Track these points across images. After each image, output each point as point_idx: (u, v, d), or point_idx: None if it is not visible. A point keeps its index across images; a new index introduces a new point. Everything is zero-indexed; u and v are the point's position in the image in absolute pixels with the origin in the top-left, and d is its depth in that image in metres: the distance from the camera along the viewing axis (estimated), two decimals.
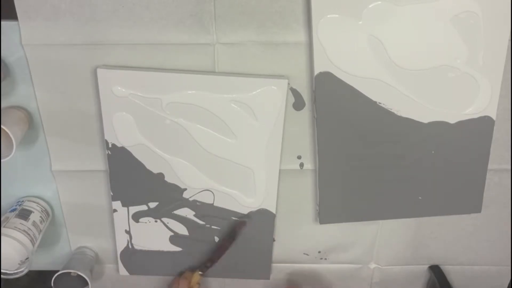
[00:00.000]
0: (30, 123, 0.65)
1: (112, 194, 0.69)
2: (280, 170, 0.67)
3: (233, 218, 0.70)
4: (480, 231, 0.75)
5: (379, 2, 0.56)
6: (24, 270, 0.64)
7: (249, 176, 0.67)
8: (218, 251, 0.71)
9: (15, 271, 0.64)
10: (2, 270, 0.63)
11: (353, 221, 0.70)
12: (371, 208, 0.69)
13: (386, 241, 0.75)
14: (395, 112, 0.62)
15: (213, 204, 0.69)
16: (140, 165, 0.66)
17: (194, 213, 0.70)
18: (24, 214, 0.67)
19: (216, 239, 0.73)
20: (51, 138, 0.66)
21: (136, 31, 0.58)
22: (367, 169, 0.66)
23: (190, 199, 0.69)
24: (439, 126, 0.63)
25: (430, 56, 0.60)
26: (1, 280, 0.65)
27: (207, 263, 0.72)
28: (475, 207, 0.70)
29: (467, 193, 0.69)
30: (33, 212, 0.68)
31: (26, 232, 0.64)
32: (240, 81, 0.61)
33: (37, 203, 0.70)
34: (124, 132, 0.64)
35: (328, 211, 0.69)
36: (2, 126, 0.57)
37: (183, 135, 0.64)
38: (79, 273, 0.68)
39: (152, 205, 0.70)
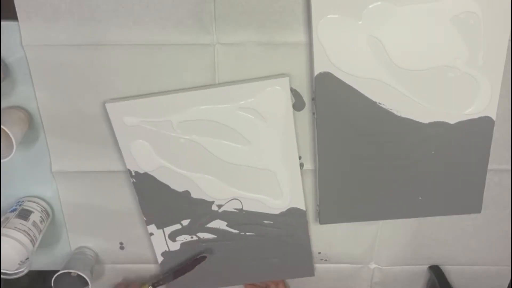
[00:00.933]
0: (30, 123, 0.65)
1: (145, 219, 0.70)
2: None
3: (265, 221, 0.70)
4: (480, 231, 0.75)
5: (379, 3, 0.56)
6: (24, 270, 0.65)
7: (271, 178, 0.67)
8: (175, 274, 0.72)
9: (15, 271, 0.64)
10: (2, 270, 0.63)
11: (353, 221, 0.70)
12: (371, 208, 0.69)
13: (386, 241, 0.75)
14: (395, 113, 0.62)
15: (242, 211, 0.70)
16: (165, 186, 0.67)
17: (226, 223, 0.71)
18: (24, 214, 0.67)
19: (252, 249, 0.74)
20: (51, 138, 0.66)
21: (136, 31, 0.58)
22: (367, 170, 0.66)
23: (220, 211, 0.69)
24: (439, 126, 0.63)
25: (430, 56, 0.59)
26: (1, 280, 0.65)
27: (161, 280, 0.72)
28: (475, 207, 0.70)
29: (467, 193, 0.68)
30: (33, 212, 0.68)
31: (26, 232, 0.64)
32: (242, 87, 0.61)
33: (37, 203, 0.70)
34: (144, 159, 0.65)
35: (328, 211, 0.69)
36: (2, 126, 0.57)
37: (200, 151, 0.65)
38: (79, 273, 0.68)
39: (185, 222, 0.70)
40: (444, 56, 0.59)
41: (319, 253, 0.76)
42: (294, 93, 0.63)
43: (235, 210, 0.69)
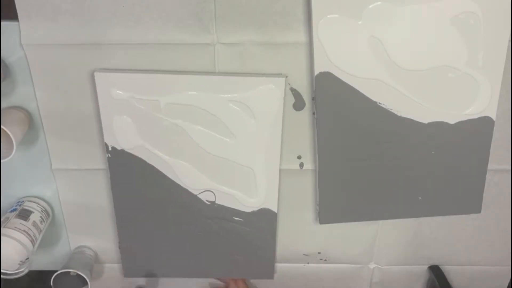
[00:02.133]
0: (30, 123, 0.65)
1: (113, 194, 0.68)
2: (280, 170, 0.67)
3: (235, 218, 0.70)
4: (480, 231, 0.75)
5: (379, 3, 0.56)
6: (24, 270, 0.65)
7: (249, 176, 0.66)
8: None
9: (15, 271, 0.64)
10: (2, 270, 0.63)
11: (353, 221, 0.70)
12: (371, 208, 0.69)
13: (386, 241, 0.75)
14: (395, 113, 0.62)
15: (214, 204, 0.69)
16: (140, 167, 0.65)
17: (196, 213, 0.70)
18: (24, 214, 0.67)
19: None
20: (51, 137, 0.66)
21: (136, 31, 0.58)
22: (367, 169, 0.66)
23: (192, 200, 0.68)
24: (439, 127, 0.63)
25: (430, 57, 0.60)
26: (1, 280, 0.64)
27: None
28: (475, 207, 0.70)
29: (467, 194, 0.69)
30: (33, 212, 0.68)
31: (26, 232, 0.64)
32: (238, 80, 0.60)
33: (37, 203, 0.70)
34: (124, 135, 0.63)
35: (328, 211, 0.69)
36: (2, 127, 0.57)
37: (182, 136, 0.63)
38: (79, 272, 0.68)
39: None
40: (444, 56, 0.60)
41: (319, 252, 0.76)
42: (294, 92, 0.63)
43: (207, 202, 0.69)
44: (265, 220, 0.70)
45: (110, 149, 0.64)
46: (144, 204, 0.69)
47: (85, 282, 0.69)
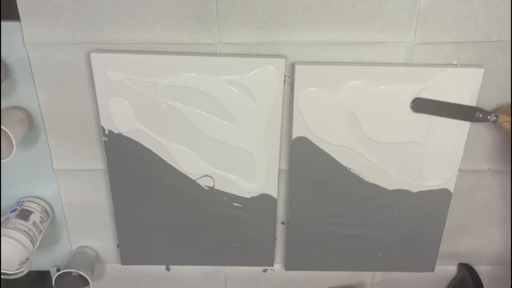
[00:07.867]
0: (31, 123, 0.65)
1: (110, 178, 0.67)
2: (280, 169, 0.67)
3: (234, 203, 0.69)
4: (481, 231, 0.75)
5: (357, 82, 0.59)
6: (24, 270, 0.65)
7: (249, 160, 0.65)
8: None
9: (15, 271, 0.64)
10: (2, 270, 0.63)
11: (316, 270, 0.76)
12: (334, 260, 0.74)
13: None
14: (363, 178, 0.66)
15: (213, 190, 0.68)
16: (138, 151, 0.64)
17: (194, 200, 0.68)
18: (24, 215, 0.67)
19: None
20: (53, 137, 0.66)
21: (138, 30, 0.58)
22: (335, 226, 0.70)
23: (190, 186, 0.67)
24: (402, 194, 0.68)
25: (398, 133, 0.63)
26: (1, 280, 0.64)
27: None
28: (430, 266, 0.75)
29: (423, 254, 0.74)
30: (33, 213, 0.68)
31: (26, 233, 0.64)
32: (237, 61, 0.59)
33: (37, 203, 0.70)
34: (121, 118, 0.62)
35: (294, 260, 0.74)
36: (2, 127, 0.57)
37: (180, 120, 0.62)
38: (80, 272, 0.68)
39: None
40: (410, 133, 0.63)
41: None
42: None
43: (206, 188, 0.67)
44: (265, 206, 0.69)
45: (106, 132, 0.63)
46: (141, 189, 0.67)
47: (87, 282, 0.69)
